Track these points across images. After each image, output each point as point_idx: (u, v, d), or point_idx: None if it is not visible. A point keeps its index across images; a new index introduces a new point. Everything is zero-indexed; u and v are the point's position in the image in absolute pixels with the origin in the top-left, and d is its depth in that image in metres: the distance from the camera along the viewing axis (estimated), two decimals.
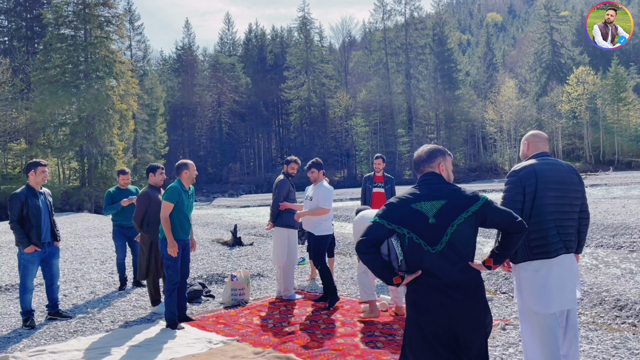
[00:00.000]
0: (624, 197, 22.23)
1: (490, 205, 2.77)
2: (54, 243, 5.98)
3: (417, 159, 2.96)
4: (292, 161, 6.87)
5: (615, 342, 4.56)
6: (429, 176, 2.87)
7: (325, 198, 6.27)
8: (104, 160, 40.30)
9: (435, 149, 2.96)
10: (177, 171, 5.61)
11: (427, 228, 2.68)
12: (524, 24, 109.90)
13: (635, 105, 62.74)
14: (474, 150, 68.32)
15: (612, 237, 11.56)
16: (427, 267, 2.67)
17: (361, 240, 2.72)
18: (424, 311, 2.68)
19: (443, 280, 2.66)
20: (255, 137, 75.17)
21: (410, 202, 2.74)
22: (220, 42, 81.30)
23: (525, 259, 3.42)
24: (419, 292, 2.70)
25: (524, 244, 3.41)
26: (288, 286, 6.60)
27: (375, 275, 2.75)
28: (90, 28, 40.92)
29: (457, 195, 2.76)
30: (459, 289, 2.67)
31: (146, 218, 6.12)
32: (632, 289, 6.41)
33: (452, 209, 2.71)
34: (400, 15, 68.58)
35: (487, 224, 2.79)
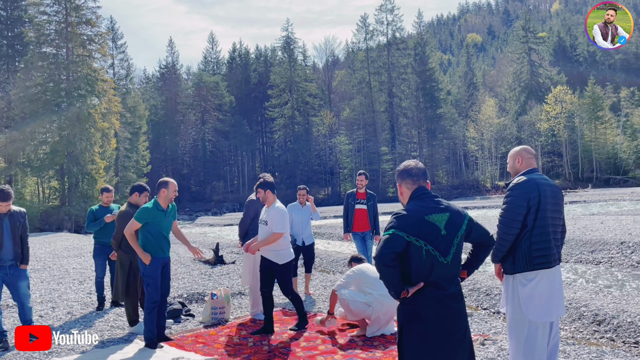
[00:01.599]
0: (602, 213, 22.58)
1: (473, 221, 2.95)
2: (20, 266, 5.78)
3: (413, 170, 2.97)
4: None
5: (591, 356, 4.61)
6: (424, 190, 2.93)
7: (277, 221, 5.65)
8: (85, 179, 39.82)
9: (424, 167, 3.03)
10: (157, 188, 5.57)
11: (440, 239, 2.77)
12: (503, 44, 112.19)
13: (611, 123, 64.10)
14: (456, 168, 68.97)
15: (591, 253, 11.72)
16: (435, 278, 2.75)
17: (385, 253, 2.71)
18: (426, 323, 2.75)
19: (447, 291, 2.78)
20: (239, 155, 75.03)
21: (422, 214, 2.79)
22: (204, 60, 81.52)
23: (525, 269, 3.50)
24: (422, 305, 2.76)
25: (524, 254, 3.49)
26: (256, 306, 6.56)
27: (388, 289, 2.77)
28: (73, 46, 40.75)
29: (453, 210, 2.88)
30: (455, 299, 2.82)
31: (125, 238, 6.00)
32: (610, 303, 6.50)
33: (455, 221, 2.84)
34: (382, 35, 69.57)
35: (469, 238, 2.94)
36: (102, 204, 7.47)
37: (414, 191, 2.93)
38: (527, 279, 3.51)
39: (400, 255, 2.79)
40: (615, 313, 5.99)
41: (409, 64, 67.43)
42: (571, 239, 13.00)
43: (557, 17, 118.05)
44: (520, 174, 3.76)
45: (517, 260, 3.51)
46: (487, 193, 59.76)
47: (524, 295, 3.50)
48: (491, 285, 7.86)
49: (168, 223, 5.61)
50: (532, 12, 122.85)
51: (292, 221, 7.90)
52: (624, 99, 68.58)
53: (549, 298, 3.50)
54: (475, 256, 3.03)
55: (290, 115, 68.88)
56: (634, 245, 11.34)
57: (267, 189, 5.83)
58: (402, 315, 2.84)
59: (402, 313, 2.84)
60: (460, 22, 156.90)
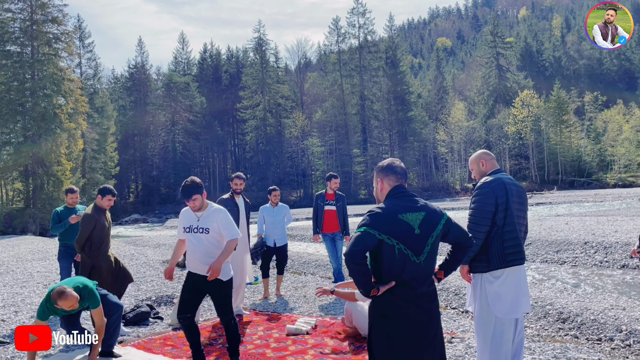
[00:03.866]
0: (567, 214, 23.18)
1: (452, 221, 2.92)
2: None
3: (397, 167, 2.96)
4: (234, 177, 6.83)
5: (555, 352, 4.72)
6: (403, 189, 2.92)
7: (230, 224, 4.57)
8: (50, 181, 38.83)
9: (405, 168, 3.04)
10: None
11: (413, 238, 2.74)
12: (472, 49, 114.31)
13: (576, 127, 65.93)
14: (426, 170, 69.85)
15: (556, 253, 12.01)
16: (406, 278, 2.72)
17: (355, 250, 2.67)
18: (396, 323, 2.73)
19: (418, 291, 2.75)
20: (210, 157, 74.32)
21: (396, 213, 2.77)
22: (174, 61, 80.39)
23: (498, 267, 3.56)
24: (391, 303, 2.74)
25: (497, 252, 3.54)
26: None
27: (357, 286, 2.74)
28: (38, 45, 39.77)
29: (430, 209, 2.86)
30: (427, 299, 2.79)
31: (89, 241, 5.79)
32: (574, 302, 6.67)
33: (430, 221, 2.81)
34: (354, 38, 70.03)
35: (447, 239, 2.93)
36: (68, 205, 7.28)
37: (393, 188, 2.91)
38: (494, 277, 3.58)
39: (373, 253, 2.78)
40: (579, 311, 6.15)
41: (381, 67, 68.03)
42: (537, 239, 13.31)
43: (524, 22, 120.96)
44: (486, 174, 3.83)
45: (490, 258, 3.57)
46: (457, 195, 60.71)
47: (491, 292, 3.57)
48: (460, 285, 7.97)
49: None
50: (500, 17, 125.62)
51: (265, 222, 7.90)
52: (588, 104, 70.65)
53: (515, 295, 3.58)
54: (453, 257, 3.01)
55: (262, 117, 68.63)
56: (597, 245, 11.67)
57: (203, 192, 4.59)
58: (372, 314, 2.83)
59: (372, 312, 2.83)
60: (431, 26, 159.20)
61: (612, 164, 63.06)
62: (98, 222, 5.77)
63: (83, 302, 4.66)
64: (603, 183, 58.63)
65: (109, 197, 5.93)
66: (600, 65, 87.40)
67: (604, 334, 5.46)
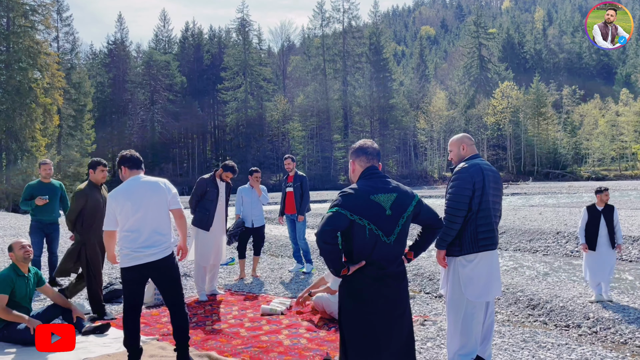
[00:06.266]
0: (541, 205, 23.63)
1: (423, 203, 2.96)
2: None
3: (369, 148, 2.97)
4: (229, 170, 6.70)
5: (525, 336, 4.83)
6: (375, 170, 2.93)
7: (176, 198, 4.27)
8: (24, 156, 37.96)
9: (378, 148, 3.05)
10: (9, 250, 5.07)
11: (384, 219, 2.77)
12: (455, 38, 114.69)
13: (553, 120, 66.97)
14: (405, 158, 70.28)
15: (529, 242, 12.25)
16: (376, 257, 2.75)
17: (325, 230, 2.68)
18: (365, 302, 2.77)
19: (387, 270, 2.78)
20: (190, 138, 73.48)
21: (368, 194, 2.78)
22: (155, 39, 78.87)
23: (471, 251, 3.60)
24: (361, 283, 2.77)
25: (470, 237, 3.58)
26: (196, 284, 6.56)
27: (328, 265, 2.76)
28: (14, 16, 38.61)
29: (401, 190, 2.88)
30: (396, 278, 2.83)
31: (80, 218, 5.55)
32: (545, 289, 6.82)
33: (401, 202, 2.83)
34: (338, 22, 69.61)
35: (417, 220, 2.96)
36: (42, 179, 7.10)
37: (365, 169, 2.93)
38: (467, 260, 3.62)
39: (344, 234, 2.79)
40: (549, 298, 6.29)
41: (364, 53, 67.85)
42: (511, 228, 13.55)
43: (507, 14, 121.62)
44: (464, 159, 3.85)
45: (463, 243, 3.61)
46: (435, 183, 61.33)
47: (464, 275, 3.62)
48: (434, 270, 8.08)
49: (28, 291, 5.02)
50: (484, 8, 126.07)
51: (243, 203, 7.88)
52: (566, 97, 71.76)
53: (487, 279, 3.64)
54: (423, 238, 3.05)
55: (243, 99, 67.97)
56: (569, 236, 11.93)
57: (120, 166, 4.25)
58: (343, 293, 2.86)
59: (342, 291, 2.86)
60: (415, 14, 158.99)
61: (586, 157, 64.39)
62: (90, 198, 5.53)
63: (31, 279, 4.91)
64: (577, 175, 59.83)
65: (101, 168, 5.62)
66: (579, 60, 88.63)
67: (572, 321, 5.61)
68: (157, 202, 4.07)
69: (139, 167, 4.23)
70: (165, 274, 4.09)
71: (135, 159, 4.22)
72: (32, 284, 5.04)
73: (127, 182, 4.14)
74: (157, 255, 4.01)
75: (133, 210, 3.97)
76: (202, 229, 6.43)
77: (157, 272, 4.06)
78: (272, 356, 4.31)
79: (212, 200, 6.47)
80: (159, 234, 4.04)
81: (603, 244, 6.50)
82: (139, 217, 3.97)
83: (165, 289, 4.13)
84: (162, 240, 4.05)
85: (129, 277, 4.03)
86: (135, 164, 4.21)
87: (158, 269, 4.04)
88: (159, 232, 4.04)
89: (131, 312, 4.05)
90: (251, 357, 4.30)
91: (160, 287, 4.17)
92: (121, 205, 3.98)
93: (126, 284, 4.06)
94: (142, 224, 3.97)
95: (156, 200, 4.07)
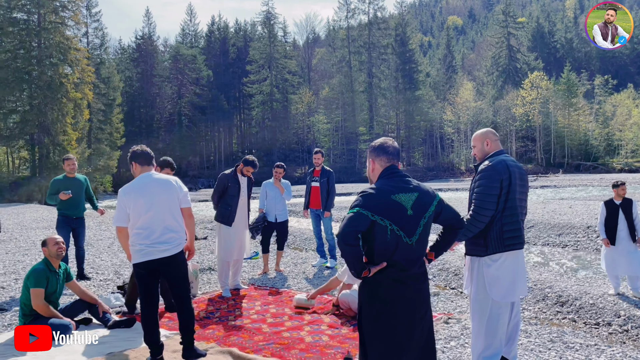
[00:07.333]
0: (572, 198, 23.08)
1: (444, 202, 2.90)
2: None
3: (389, 147, 2.91)
4: (249, 164, 6.68)
5: (552, 336, 4.70)
6: (396, 169, 2.88)
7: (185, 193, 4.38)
8: (56, 150, 38.91)
9: (399, 147, 2.99)
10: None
11: (406, 219, 2.72)
12: (483, 28, 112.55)
13: (584, 110, 65.20)
14: (432, 150, 69.52)
15: (558, 236, 11.97)
16: (398, 259, 2.70)
17: (347, 232, 2.64)
18: (386, 303, 2.72)
19: (409, 272, 2.73)
20: (216, 131, 74.08)
21: (389, 194, 2.74)
22: (181, 33, 79.63)
23: (497, 251, 3.51)
24: (382, 284, 2.72)
25: (496, 236, 3.49)
26: (219, 279, 6.58)
27: (349, 267, 2.72)
28: (45, 13, 39.44)
29: (422, 190, 2.83)
30: (418, 279, 2.78)
31: None
32: (574, 285, 6.65)
33: (423, 202, 2.78)
34: (364, 14, 69.08)
35: (439, 220, 2.91)
36: (67, 174, 7.23)
37: (385, 169, 2.87)
38: (492, 260, 3.53)
39: (365, 234, 2.74)
40: (578, 295, 6.13)
41: (390, 45, 67.20)
42: (540, 222, 13.26)
43: (537, 2, 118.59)
44: (489, 155, 3.74)
45: (489, 243, 3.51)
46: (461, 176, 60.50)
47: (488, 275, 3.53)
48: (460, 265, 7.96)
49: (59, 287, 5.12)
50: None
51: (267, 197, 7.90)
52: (598, 87, 69.78)
53: (512, 279, 3.54)
54: (444, 238, 3.00)
55: (268, 92, 68.16)
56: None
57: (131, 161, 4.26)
58: (363, 295, 2.81)
59: (363, 293, 2.82)
60: (442, 4, 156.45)
61: (619, 148, 62.55)
62: None
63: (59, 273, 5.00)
64: (609, 167, 58.21)
65: (168, 170, 5.63)
66: None
67: (602, 319, 5.44)
68: (168, 200, 4.09)
69: (150, 163, 4.23)
70: (176, 269, 4.14)
71: (147, 155, 4.23)
72: (62, 279, 5.14)
73: (138, 178, 4.16)
74: (170, 251, 4.05)
75: (145, 208, 3.99)
76: (225, 224, 6.46)
77: (169, 267, 4.10)
78: (293, 353, 4.30)
79: (233, 196, 6.48)
80: (172, 231, 4.07)
81: (623, 238, 6.45)
82: (151, 214, 4.00)
83: (174, 284, 4.18)
84: (174, 237, 4.08)
85: (142, 272, 4.07)
86: (147, 159, 4.22)
87: (170, 265, 4.08)
88: (172, 230, 4.07)
89: (148, 308, 4.09)
90: (272, 353, 4.30)
91: (169, 282, 4.22)
92: (133, 202, 4.01)
93: (141, 280, 4.10)
94: (154, 221, 4.00)
95: (168, 197, 4.09)
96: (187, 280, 4.25)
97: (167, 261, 4.05)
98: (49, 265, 5.00)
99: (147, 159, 4.22)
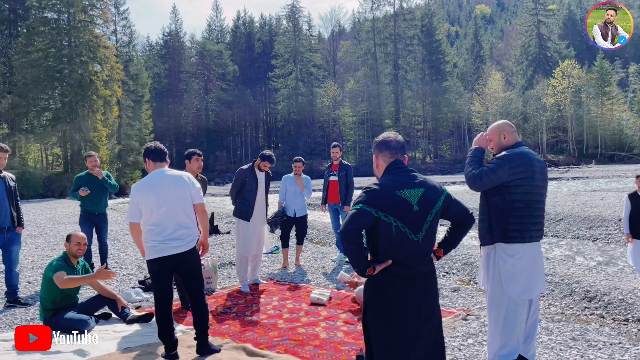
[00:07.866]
0: (604, 189, 22.44)
1: (452, 197, 2.81)
2: (16, 229, 5.85)
3: (392, 142, 2.83)
4: (266, 159, 6.69)
5: (574, 334, 4.54)
6: (401, 164, 2.80)
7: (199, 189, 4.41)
8: (87, 147, 39.75)
9: (403, 141, 2.91)
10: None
11: (411, 216, 2.65)
12: (512, 16, 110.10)
13: (619, 99, 63.28)
14: (459, 142, 68.54)
15: (589, 229, 11.64)
16: (403, 256, 2.64)
17: (350, 229, 2.58)
18: (391, 302, 2.66)
19: (415, 269, 2.66)
20: (242, 126, 74.61)
21: (394, 190, 2.67)
22: (208, 28, 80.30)
23: (499, 240, 3.42)
24: (388, 282, 2.66)
25: (499, 225, 3.40)
26: (238, 274, 6.58)
27: (352, 265, 2.66)
28: (74, 12, 40.25)
29: (429, 185, 2.75)
30: (424, 277, 2.70)
31: None
32: (603, 280, 6.43)
33: (429, 197, 2.70)
34: (389, 5, 68.39)
35: (447, 215, 2.82)
36: (89, 171, 7.34)
37: (389, 164, 2.80)
38: (508, 254, 3.40)
39: (369, 232, 2.68)
40: (607, 290, 5.92)
41: (416, 36, 66.40)
42: (569, 214, 12.91)
43: None
44: (507, 148, 3.60)
45: (493, 229, 3.41)
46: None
47: (505, 271, 3.41)
48: None
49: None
50: None
51: (286, 192, 7.88)
52: (633, 75, 67.60)
53: (530, 275, 3.42)
54: (453, 234, 2.91)
55: (294, 86, 68.21)
56: None
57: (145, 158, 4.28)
58: (368, 293, 2.75)
59: (368, 291, 2.75)
60: None
61: None
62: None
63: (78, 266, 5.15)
64: None
65: (196, 157, 6.00)
66: None
67: (632, 315, 5.25)
68: (181, 196, 4.08)
69: (163, 160, 4.24)
70: (189, 266, 4.14)
71: (160, 151, 4.23)
72: (80, 275, 5.20)
73: (151, 174, 4.17)
74: (183, 247, 4.05)
75: (157, 205, 3.99)
76: (243, 220, 6.46)
77: (182, 263, 4.10)
78: (307, 349, 4.26)
79: (251, 191, 6.48)
80: (184, 227, 4.06)
81: None
82: (164, 211, 3.99)
83: (188, 280, 4.19)
84: (187, 233, 4.07)
85: (156, 268, 4.07)
86: (160, 156, 4.22)
87: (183, 261, 4.09)
88: (184, 226, 4.06)
89: (162, 304, 4.10)
90: (286, 350, 4.27)
91: (183, 279, 4.23)
92: (145, 198, 4.01)
93: (154, 277, 4.11)
94: (166, 218, 4.00)
95: (180, 194, 4.08)
96: (201, 277, 4.25)
97: (180, 258, 4.06)
98: (67, 261, 5.07)
99: (160, 156, 4.22)
